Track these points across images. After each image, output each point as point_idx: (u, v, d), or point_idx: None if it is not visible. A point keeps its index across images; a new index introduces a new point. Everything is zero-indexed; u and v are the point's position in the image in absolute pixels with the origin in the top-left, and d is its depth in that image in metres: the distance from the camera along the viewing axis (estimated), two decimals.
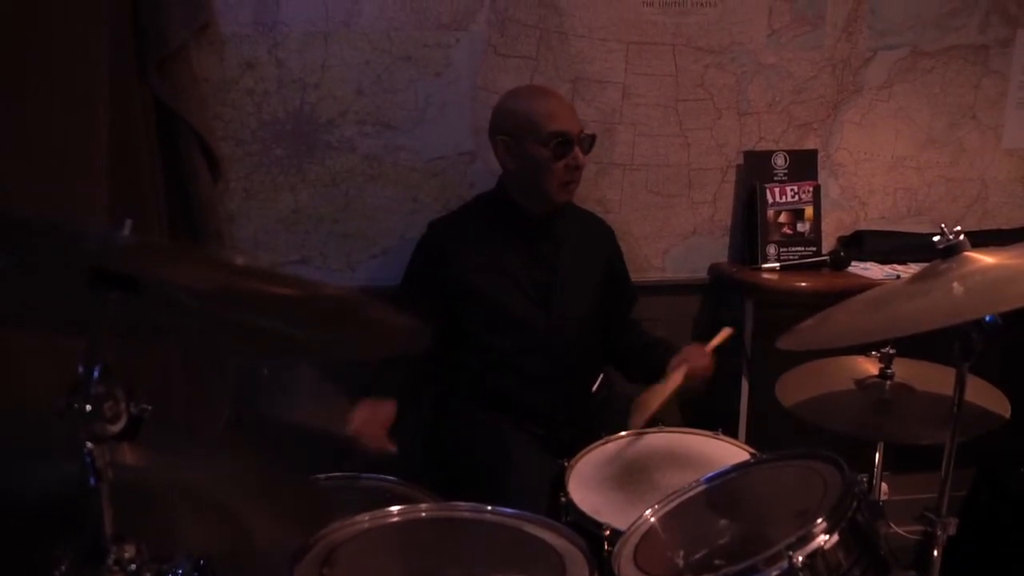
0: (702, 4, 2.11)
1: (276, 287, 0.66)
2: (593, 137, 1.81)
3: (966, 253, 1.04)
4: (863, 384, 1.44)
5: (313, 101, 2.04)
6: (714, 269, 2.19)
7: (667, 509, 1.15)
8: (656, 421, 1.73)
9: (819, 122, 2.20)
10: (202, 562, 1.15)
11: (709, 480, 1.18)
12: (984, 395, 1.35)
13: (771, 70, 2.16)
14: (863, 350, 1.48)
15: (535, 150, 1.74)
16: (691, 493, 1.17)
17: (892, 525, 2.20)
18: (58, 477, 0.97)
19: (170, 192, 1.94)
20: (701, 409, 2.22)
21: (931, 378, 1.42)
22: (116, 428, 0.70)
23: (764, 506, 1.08)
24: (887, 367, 1.43)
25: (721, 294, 2.19)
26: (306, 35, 2.01)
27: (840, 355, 1.51)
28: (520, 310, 1.81)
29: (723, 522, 1.05)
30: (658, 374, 1.81)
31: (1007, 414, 1.33)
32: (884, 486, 2.42)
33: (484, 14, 2.04)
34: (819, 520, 0.92)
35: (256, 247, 2.08)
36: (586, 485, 1.47)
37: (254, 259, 2.03)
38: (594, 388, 1.90)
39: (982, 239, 2.01)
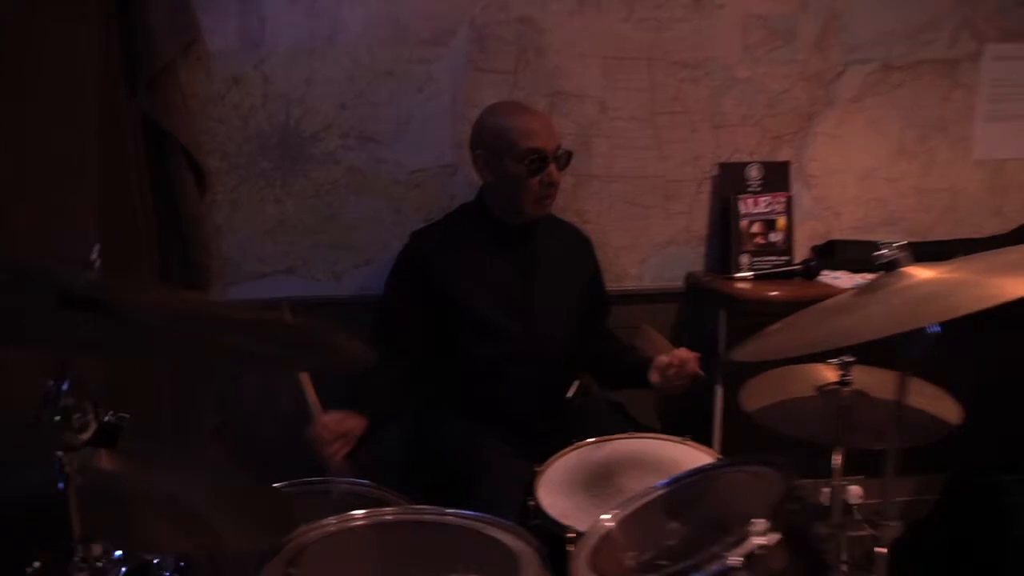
0: (677, 20, 2.16)
1: (233, 313, 0.71)
2: (569, 154, 1.85)
3: (903, 269, 1.09)
4: (823, 391, 1.49)
5: (298, 115, 2.10)
6: (690, 278, 2.24)
7: (626, 512, 1.20)
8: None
9: (792, 134, 2.26)
10: (182, 564, 1.20)
11: (666, 484, 1.23)
12: (935, 402, 1.40)
13: (745, 84, 2.21)
14: (822, 359, 1.53)
15: (511, 166, 1.79)
16: (649, 497, 1.22)
17: (868, 527, 2.25)
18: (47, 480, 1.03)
19: (159, 205, 2.00)
20: (677, 414, 2.27)
21: (888, 385, 1.47)
22: (85, 437, 0.75)
23: (713, 509, 1.13)
24: (845, 374, 1.48)
25: (697, 302, 2.24)
26: (291, 51, 2.07)
27: (804, 363, 1.56)
28: (500, 319, 1.85)
29: (673, 524, 1.10)
30: (630, 377, 1.86)
31: (957, 420, 1.38)
32: (858, 489, 2.47)
33: (464, 31, 2.10)
34: (757, 522, 0.97)
35: (243, 258, 2.14)
36: (556, 490, 1.52)
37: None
38: (569, 394, 1.95)
39: (952, 248, 2.08)
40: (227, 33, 2.04)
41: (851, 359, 1.50)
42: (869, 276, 2.18)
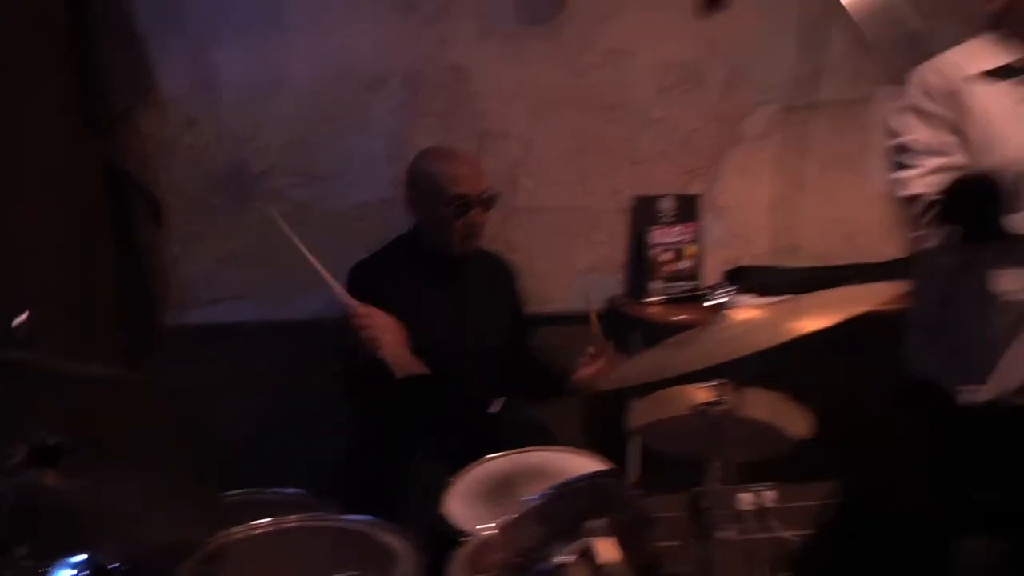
0: (596, 66, 2.37)
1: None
2: (493, 197, 2.01)
3: (726, 312, 1.29)
4: (698, 410, 1.68)
5: (248, 154, 2.29)
6: (610, 302, 2.45)
7: (507, 519, 1.39)
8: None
9: (704, 169, 2.46)
10: (126, 567, 1.38)
11: (543, 494, 1.42)
12: (789, 416, 1.60)
13: (660, 124, 2.42)
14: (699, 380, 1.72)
15: (437, 209, 1.97)
16: (529, 505, 1.41)
17: (778, 527, 2.46)
18: None
19: (119, 237, 2.19)
20: (599, 429, 2.47)
21: (754, 403, 1.67)
22: (16, 461, 0.94)
23: (571, 515, 1.31)
24: (718, 395, 1.68)
25: (616, 325, 2.43)
26: (241, 95, 2.26)
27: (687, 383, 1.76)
28: (437, 344, 2.03)
29: (536, 528, 1.29)
30: (549, 389, 2.07)
31: (807, 434, 1.58)
32: (773, 494, 2.69)
33: (400, 77, 2.29)
34: (589, 525, 1.16)
35: (198, 286, 2.32)
36: (465, 499, 1.71)
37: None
38: (495, 410, 2.14)
39: (853, 272, 2.29)
40: (182, 78, 2.23)
41: (723, 381, 1.70)
42: (775, 299, 2.41)
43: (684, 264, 2.39)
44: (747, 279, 2.42)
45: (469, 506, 1.67)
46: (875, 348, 1.81)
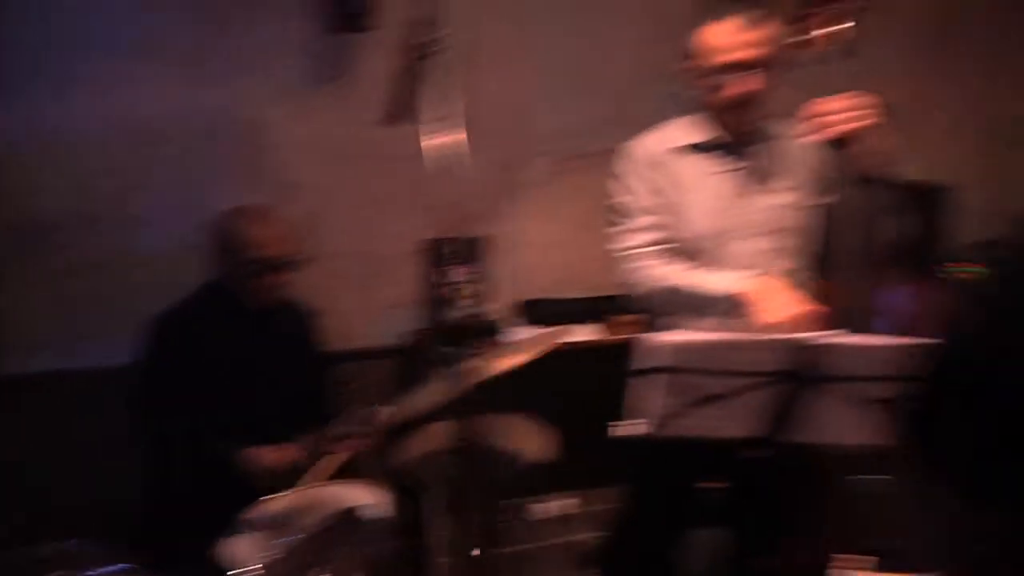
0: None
1: None
2: (298, 260, 2.12)
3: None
4: (450, 442, 1.89)
5: (41, 207, 2.29)
6: (408, 336, 2.63)
7: (274, 556, 1.53)
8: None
9: (490, 213, 2.70)
10: None
11: (306, 532, 1.57)
12: (533, 439, 1.83)
13: (447, 172, 2.62)
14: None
15: (238, 268, 2.07)
16: (294, 542, 1.56)
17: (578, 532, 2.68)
18: None
19: None
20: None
21: (502, 431, 1.90)
22: None
23: (329, 550, 1.48)
24: (468, 427, 1.88)
25: (413, 358, 2.63)
26: (26, 149, 2.26)
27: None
28: (242, 391, 2.10)
29: (299, 563, 1.44)
30: None
31: (546, 456, 1.81)
32: (573, 502, 2.96)
33: (192, 128, 2.37)
34: (343, 556, 1.33)
35: None
36: (249, 536, 1.82)
37: None
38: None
39: (623, 302, 2.57)
40: None
41: (472, 414, 1.90)
42: (547, 329, 2.65)
43: (472, 301, 2.61)
44: (531, 312, 2.68)
45: (249, 542, 1.79)
46: None
